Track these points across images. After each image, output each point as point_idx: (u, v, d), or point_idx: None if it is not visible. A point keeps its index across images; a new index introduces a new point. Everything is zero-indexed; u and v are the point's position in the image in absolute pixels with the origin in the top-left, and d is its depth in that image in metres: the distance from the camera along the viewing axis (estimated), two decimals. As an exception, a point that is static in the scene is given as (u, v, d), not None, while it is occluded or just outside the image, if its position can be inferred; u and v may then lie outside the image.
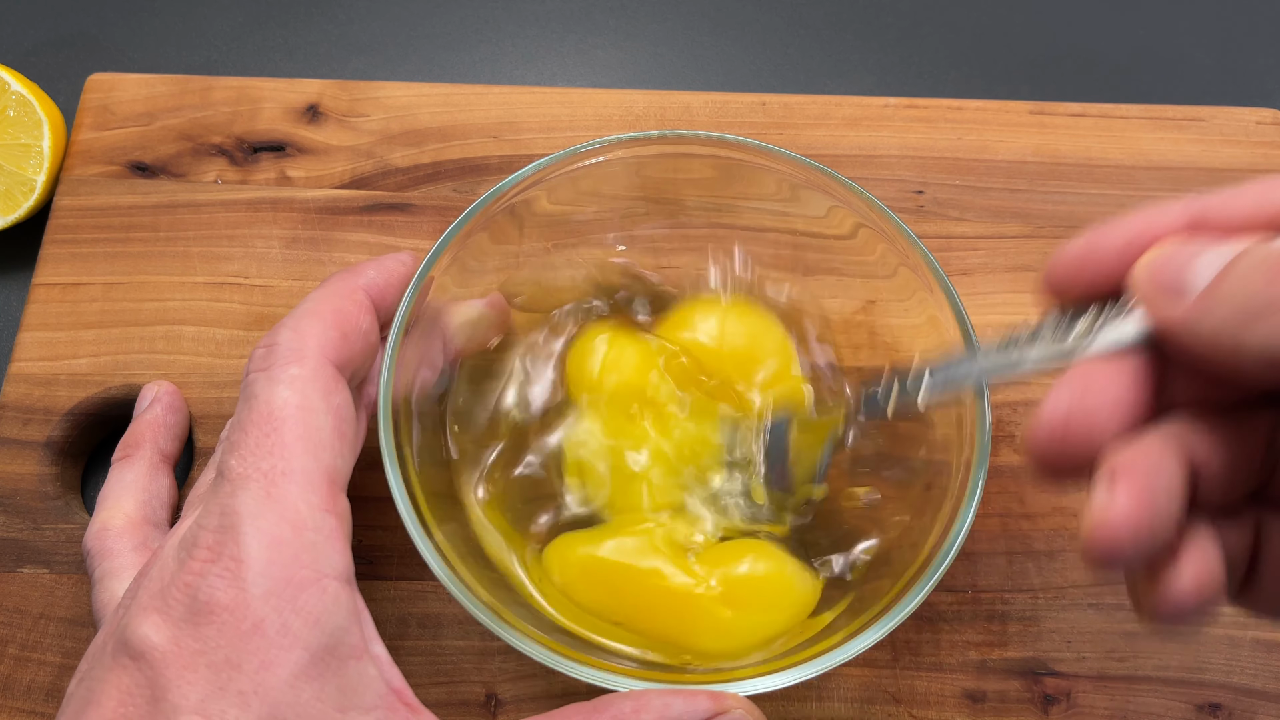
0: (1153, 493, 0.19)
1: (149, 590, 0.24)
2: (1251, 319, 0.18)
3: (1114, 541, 0.19)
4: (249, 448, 0.24)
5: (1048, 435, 0.20)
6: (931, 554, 0.29)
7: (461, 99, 0.43)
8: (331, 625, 0.23)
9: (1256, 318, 0.18)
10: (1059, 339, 0.23)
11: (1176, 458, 0.20)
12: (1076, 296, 0.23)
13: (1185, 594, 0.19)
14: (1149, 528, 0.19)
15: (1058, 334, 0.23)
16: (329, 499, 0.25)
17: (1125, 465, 0.19)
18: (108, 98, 0.42)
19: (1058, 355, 0.23)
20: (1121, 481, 0.19)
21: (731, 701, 0.25)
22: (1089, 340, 0.22)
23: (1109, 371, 0.21)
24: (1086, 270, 0.22)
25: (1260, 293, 0.18)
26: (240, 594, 0.23)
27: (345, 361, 0.27)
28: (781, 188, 0.35)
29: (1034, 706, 0.33)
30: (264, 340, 0.27)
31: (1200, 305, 0.19)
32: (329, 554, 0.24)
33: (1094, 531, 0.19)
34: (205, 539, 0.23)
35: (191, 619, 0.23)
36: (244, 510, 0.23)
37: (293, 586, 0.23)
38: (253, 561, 0.23)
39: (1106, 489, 0.19)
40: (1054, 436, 0.20)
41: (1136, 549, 0.19)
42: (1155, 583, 0.20)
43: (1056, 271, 0.23)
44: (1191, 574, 0.19)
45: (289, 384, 0.25)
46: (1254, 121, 0.44)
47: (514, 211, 0.34)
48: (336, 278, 0.29)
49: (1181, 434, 0.20)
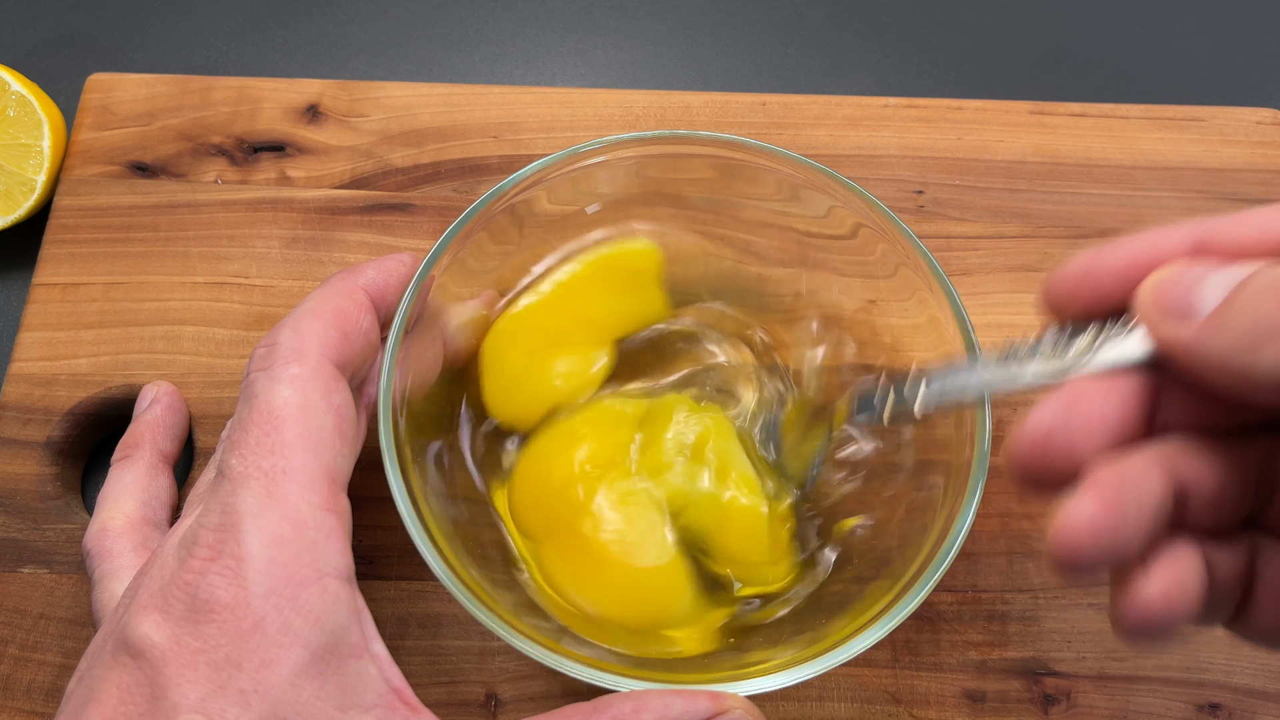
0: (1121, 502, 0.19)
1: (149, 589, 0.24)
2: (1261, 342, 0.18)
3: (1074, 542, 0.19)
4: (249, 446, 0.24)
5: (1028, 447, 0.21)
6: (931, 554, 0.29)
7: (461, 99, 0.43)
8: (332, 624, 0.23)
9: (1266, 341, 0.18)
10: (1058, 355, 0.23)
11: (1158, 474, 0.20)
12: (1076, 314, 0.23)
13: (1151, 604, 0.19)
14: (1110, 534, 0.19)
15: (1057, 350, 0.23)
16: (330, 498, 0.25)
17: (1102, 474, 0.20)
18: (108, 98, 0.42)
19: (1056, 371, 0.23)
20: (1093, 487, 0.19)
21: (731, 701, 0.25)
22: (1088, 357, 0.22)
23: (1099, 389, 0.21)
24: (1088, 289, 0.22)
25: (1270, 316, 0.18)
26: (241, 592, 0.23)
27: (346, 361, 0.27)
28: (781, 188, 0.35)
29: (1034, 706, 0.33)
30: (264, 340, 0.27)
31: (1208, 328, 0.19)
32: (329, 553, 0.24)
33: (1055, 533, 0.19)
34: (206, 537, 0.23)
35: (192, 617, 0.23)
36: (245, 509, 0.23)
37: (293, 585, 0.23)
38: (253, 560, 0.23)
39: (1077, 495, 0.19)
40: (1034, 449, 0.20)
41: (1096, 554, 0.19)
42: (1124, 591, 0.20)
43: (1057, 288, 0.23)
44: (1160, 585, 0.19)
45: (289, 383, 0.25)
46: (1254, 121, 0.44)
47: (514, 211, 0.34)
48: (336, 278, 0.29)
49: (1171, 454, 0.20)
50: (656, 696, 0.25)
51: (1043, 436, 0.20)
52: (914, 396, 0.27)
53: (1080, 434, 0.20)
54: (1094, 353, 0.22)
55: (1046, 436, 0.20)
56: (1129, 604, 0.20)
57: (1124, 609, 0.20)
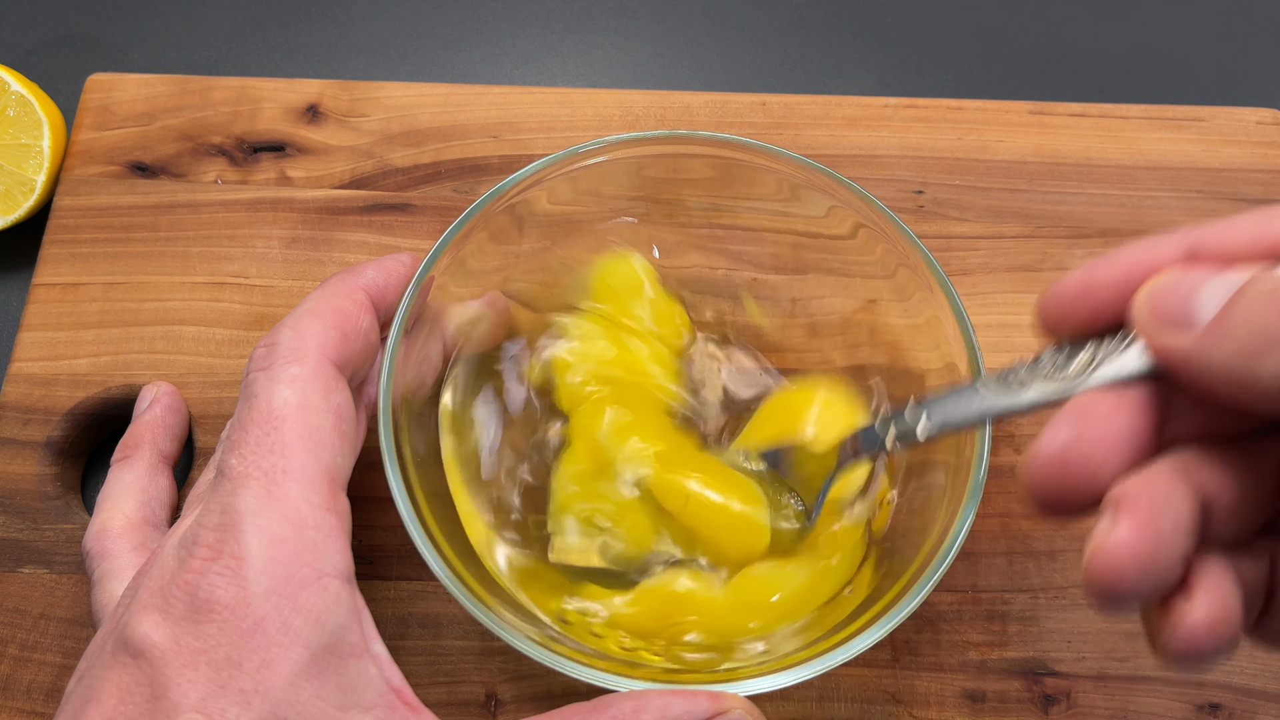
0: (1158, 523, 0.18)
1: (149, 589, 0.24)
2: (1263, 350, 0.17)
3: (1115, 572, 0.18)
4: (249, 446, 0.24)
5: (1044, 470, 0.20)
6: (931, 554, 0.29)
7: (461, 99, 0.43)
8: (332, 624, 0.23)
9: (1268, 350, 0.17)
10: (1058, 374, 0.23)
11: (1185, 489, 0.19)
12: (1074, 331, 0.22)
13: (1200, 628, 0.18)
14: (1152, 559, 0.18)
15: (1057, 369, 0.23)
16: (329, 497, 0.25)
17: (1130, 495, 0.19)
18: (108, 98, 0.42)
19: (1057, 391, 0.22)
20: (1125, 510, 0.18)
21: (731, 702, 0.25)
22: (1089, 375, 0.22)
23: (1109, 404, 0.20)
24: (1083, 305, 0.22)
25: (1272, 324, 0.17)
26: (241, 592, 0.23)
27: (345, 361, 0.27)
28: (781, 188, 0.35)
29: (1034, 706, 0.33)
30: (264, 340, 0.27)
31: (1209, 337, 0.18)
32: (329, 552, 0.24)
33: (1094, 561, 0.18)
34: (205, 537, 0.23)
35: (192, 617, 0.23)
36: (245, 508, 0.23)
37: (293, 584, 0.23)
38: (254, 559, 0.23)
39: (1109, 518, 0.19)
40: (1051, 471, 0.20)
41: (1139, 581, 0.18)
42: (1168, 617, 0.19)
43: (1052, 306, 0.22)
44: (1206, 608, 0.19)
45: (289, 383, 0.25)
46: (1254, 121, 0.44)
47: (514, 211, 0.34)
48: (336, 278, 0.29)
49: (1189, 465, 0.19)
50: (656, 696, 0.25)
51: (1058, 458, 0.20)
52: (915, 425, 0.27)
53: (1097, 452, 0.20)
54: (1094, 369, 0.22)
55: (1062, 457, 0.20)
56: (1176, 632, 0.19)
57: (1171, 637, 0.19)
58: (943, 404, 0.27)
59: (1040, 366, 0.23)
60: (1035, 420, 0.37)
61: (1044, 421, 0.38)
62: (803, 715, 0.32)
